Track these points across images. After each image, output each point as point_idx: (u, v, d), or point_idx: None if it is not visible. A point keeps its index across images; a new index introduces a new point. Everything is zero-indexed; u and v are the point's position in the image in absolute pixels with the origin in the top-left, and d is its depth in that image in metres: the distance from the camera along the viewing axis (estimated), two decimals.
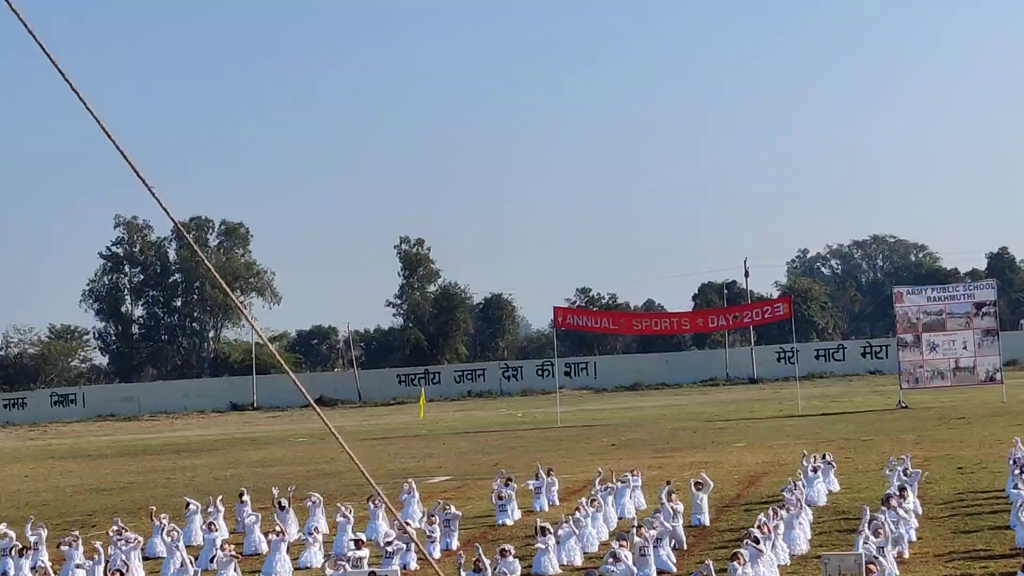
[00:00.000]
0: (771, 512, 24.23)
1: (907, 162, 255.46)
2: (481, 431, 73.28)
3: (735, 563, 20.36)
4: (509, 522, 32.22)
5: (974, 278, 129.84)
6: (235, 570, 24.91)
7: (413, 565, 25.46)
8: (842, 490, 34.34)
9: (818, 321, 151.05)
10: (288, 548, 27.35)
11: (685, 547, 26.46)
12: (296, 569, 26.95)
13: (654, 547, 23.65)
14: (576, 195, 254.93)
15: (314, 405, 7.23)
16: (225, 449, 71.46)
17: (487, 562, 20.74)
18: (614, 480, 32.43)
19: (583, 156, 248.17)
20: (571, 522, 26.38)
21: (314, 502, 31.75)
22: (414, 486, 32.97)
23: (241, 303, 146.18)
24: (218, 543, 26.16)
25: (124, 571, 22.75)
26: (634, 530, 23.53)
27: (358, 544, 25.05)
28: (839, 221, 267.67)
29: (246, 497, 33.71)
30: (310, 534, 28.14)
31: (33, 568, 26.18)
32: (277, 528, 27.20)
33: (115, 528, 28.03)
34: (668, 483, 28.70)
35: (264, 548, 28.78)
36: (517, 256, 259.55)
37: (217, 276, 7.24)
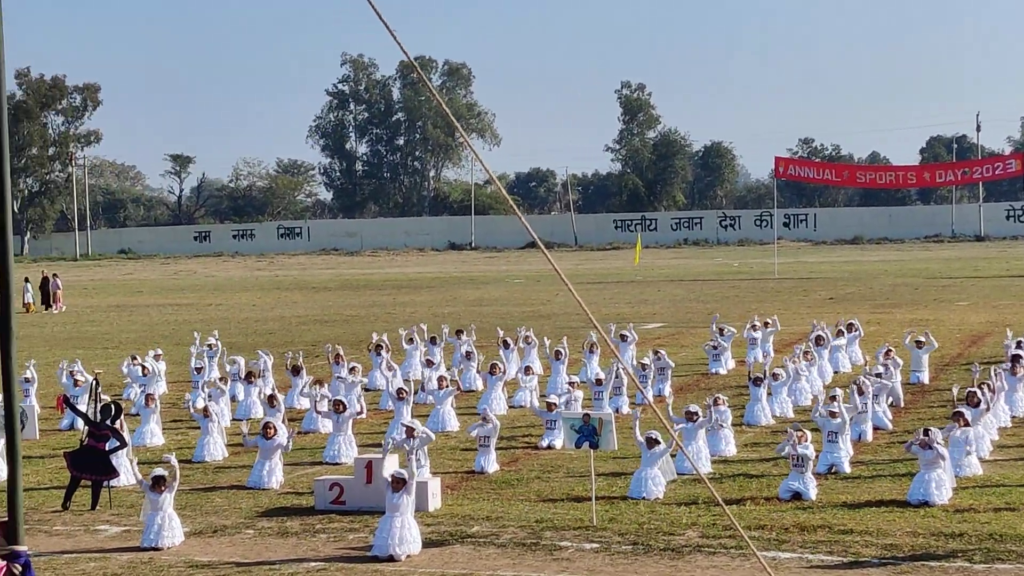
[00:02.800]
0: (993, 372, 23.65)
1: None
2: (696, 280, 73.07)
3: (955, 423, 19.99)
4: (722, 371, 32.20)
5: None
6: (451, 404, 25.51)
7: (625, 409, 25.68)
8: None
9: None
10: (503, 386, 27.88)
11: (902, 404, 26.11)
12: (510, 407, 27.46)
13: (871, 402, 23.37)
14: (801, 41, 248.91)
15: (542, 246, 7.24)
16: (443, 287, 72.79)
17: (699, 410, 20.79)
18: (830, 333, 32.06)
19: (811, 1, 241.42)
20: (785, 374, 26.22)
21: (529, 342, 32.14)
22: (632, 330, 33.09)
23: (461, 145, 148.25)
24: (433, 378, 26.71)
25: (345, 403, 23.44)
26: (854, 385, 23.26)
27: (572, 386, 25.35)
28: None
29: (464, 337, 34.26)
30: (525, 373, 28.53)
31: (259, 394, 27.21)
32: (499, 366, 27.59)
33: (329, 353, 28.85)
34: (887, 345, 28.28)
35: (479, 385, 29.35)
36: (739, 104, 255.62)
37: (452, 117, 7.25)
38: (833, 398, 21.47)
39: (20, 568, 7.77)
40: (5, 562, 7.76)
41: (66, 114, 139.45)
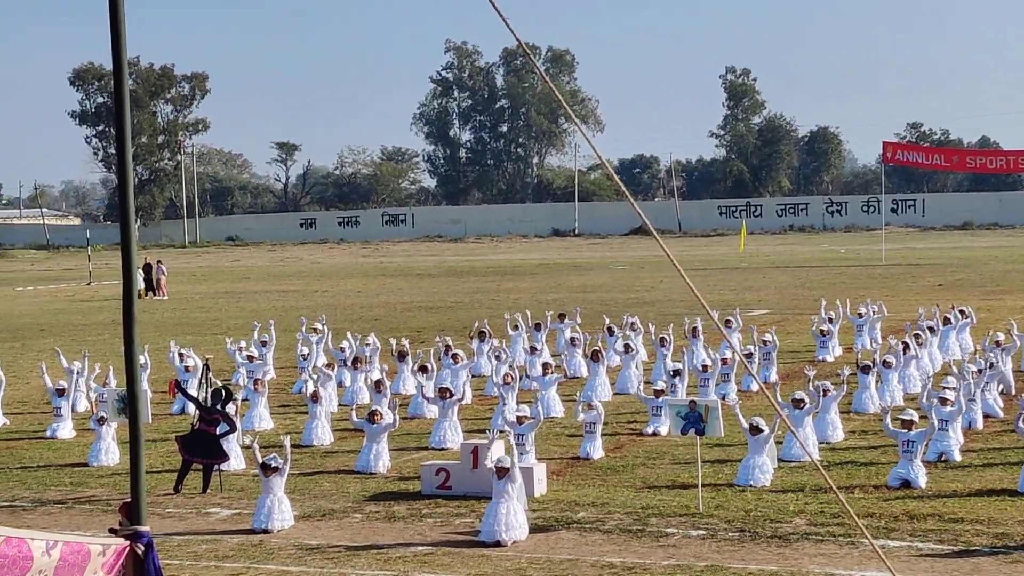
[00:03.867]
0: None
1: None
2: (802, 266, 72.42)
3: None
4: (829, 358, 31.89)
5: None
6: (555, 391, 25.54)
7: (732, 396, 25.54)
8: None
9: None
10: (607, 372, 27.87)
11: (1013, 391, 25.69)
12: (615, 394, 27.45)
13: (981, 390, 23.04)
14: (908, 24, 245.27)
15: (653, 232, 7.22)
16: (547, 273, 72.84)
17: (805, 396, 20.63)
18: (940, 321, 31.63)
19: None
20: (893, 361, 25.91)
21: (635, 329, 32.08)
22: (737, 316, 32.89)
23: (564, 131, 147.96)
24: (537, 365, 26.76)
25: (452, 389, 23.59)
26: (966, 372, 22.92)
27: (675, 373, 25.27)
28: None
29: (567, 321, 34.28)
30: (630, 357, 28.49)
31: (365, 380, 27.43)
32: (600, 352, 27.59)
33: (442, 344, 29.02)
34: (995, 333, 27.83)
35: (583, 371, 29.35)
36: (845, 89, 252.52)
37: (563, 103, 7.25)
38: (945, 386, 21.18)
39: (143, 548, 7.93)
40: (128, 542, 7.92)
41: (175, 103, 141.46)
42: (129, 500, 8.19)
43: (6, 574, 7.04)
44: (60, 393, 24.90)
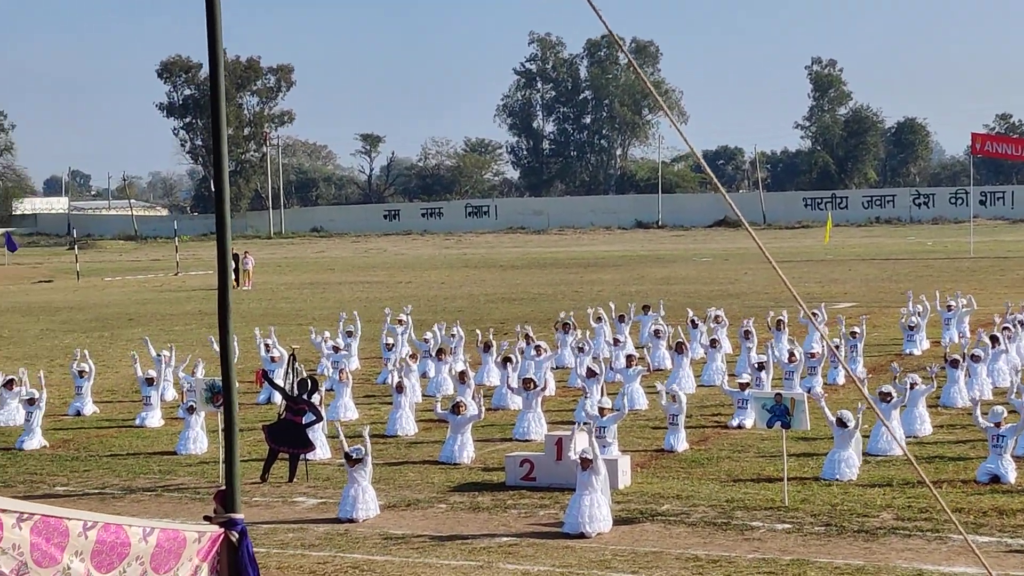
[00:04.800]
0: None
1: None
2: (888, 258, 71.68)
3: None
4: (916, 351, 31.57)
5: None
6: (639, 383, 25.47)
7: (818, 389, 25.35)
8: None
9: None
10: (691, 364, 27.79)
11: None
12: (699, 386, 27.35)
13: None
14: (997, 14, 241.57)
15: (747, 225, 7.20)
16: (630, 265, 72.69)
17: (892, 390, 20.45)
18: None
19: None
20: (982, 355, 25.59)
21: (719, 322, 31.94)
22: (823, 309, 32.65)
23: (648, 122, 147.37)
24: (621, 357, 26.72)
25: (535, 380, 23.61)
26: None
27: (760, 366, 25.10)
28: None
29: (651, 313, 34.19)
30: (714, 349, 28.41)
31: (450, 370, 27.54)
32: (684, 344, 27.51)
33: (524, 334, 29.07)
34: None
35: (667, 364, 29.25)
36: (933, 80, 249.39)
37: (655, 93, 7.25)
38: None
39: (237, 535, 8.05)
40: (223, 529, 8.03)
41: (261, 95, 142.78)
42: (223, 488, 8.31)
43: (105, 560, 7.18)
44: (149, 382, 25.24)
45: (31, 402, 23.52)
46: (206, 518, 8.21)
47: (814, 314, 31.75)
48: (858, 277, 57.99)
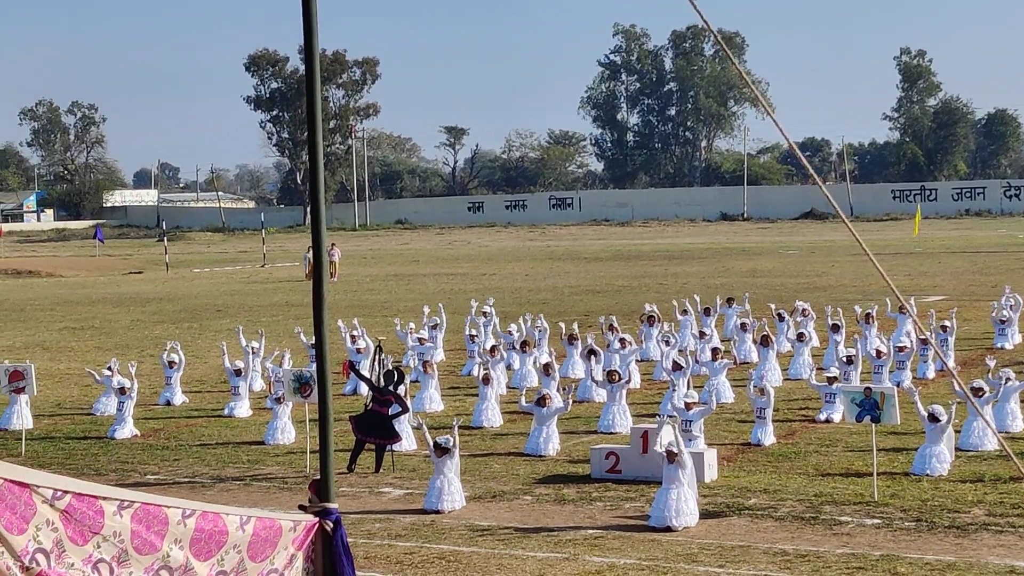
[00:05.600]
0: None
1: None
2: (979, 251, 70.75)
3: None
4: (1008, 346, 31.14)
5: None
6: (726, 376, 25.33)
7: (907, 384, 25.07)
8: None
9: None
10: (777, 358, 27.60)
11: None
12: (785, 379, 27.16)
13: None
14: None
15: (844, 219, 7.13)
16: (715, 258, 72.33)
17: (984, 384, 20.19)
18: None
19: None
20: None
21: (806, 315, 31.70)
22: (912, 303, 32.28)
23: (733, 114, 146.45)
24: (707, 350, 26.57)
25: (619, 373, 23.58)
26: None
27: (848, 360, 24.85)
28: None
29: (736, 306, 34.01)
30: (802, 343, 28.19)
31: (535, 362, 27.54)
32: (769, 337, 27.33)
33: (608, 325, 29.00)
34: None
35: (754, 357, 29.06)
36: None
37: (751, 84, 7.21)
38: None
39: (331, 525, 8.12)
40: (318, 519, 8.11)
41: (346, 88, 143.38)
42: (318, 478, 8.38)
43: (204, 548, 7.28)
44: (238, 373, 25.50)
45: (123, 392, 23.85)
46: (301, 507, 8.29)
47: (901, 309, 31.39)
48: (948, 270, 57.29)
